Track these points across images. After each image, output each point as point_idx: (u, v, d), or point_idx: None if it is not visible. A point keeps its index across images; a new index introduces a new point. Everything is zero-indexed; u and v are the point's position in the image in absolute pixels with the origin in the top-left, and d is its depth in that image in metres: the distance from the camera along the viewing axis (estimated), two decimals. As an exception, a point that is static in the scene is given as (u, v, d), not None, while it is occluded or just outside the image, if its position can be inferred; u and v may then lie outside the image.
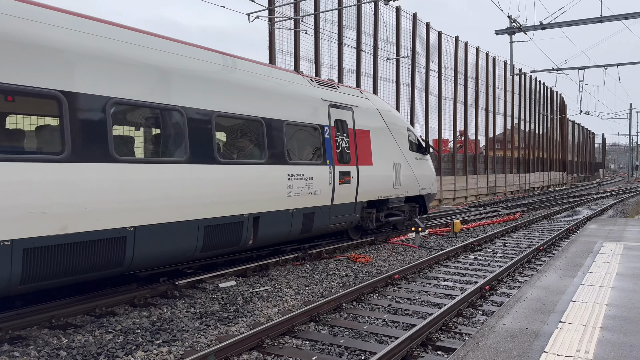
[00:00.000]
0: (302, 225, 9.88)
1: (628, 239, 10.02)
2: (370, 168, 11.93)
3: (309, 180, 9.97)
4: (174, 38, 7.95)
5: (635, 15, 19.27)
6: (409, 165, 13.56)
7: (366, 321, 6.54)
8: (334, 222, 10.89)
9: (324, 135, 10.56)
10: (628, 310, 4.98)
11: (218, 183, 7.83)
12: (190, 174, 7.35)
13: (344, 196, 10.99)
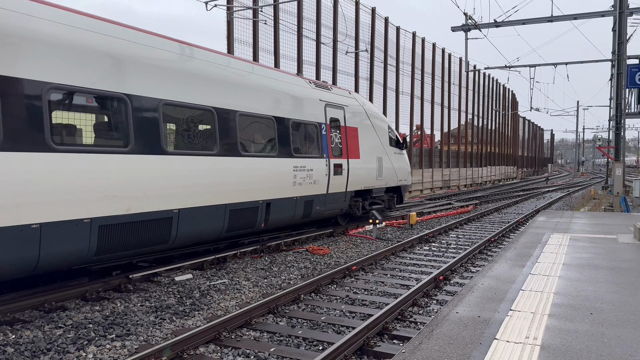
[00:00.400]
0: (303, 211, 11.09)
1: (574, 231, 10.50)
2: (358, 161, 13.23)
3: (309, 171, 11.21)
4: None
5: (583, 16, 20.11)
6: (389, 159, 14.92)
7: (324, 312, 6.59)
8: (328, 209, 12.16)
9: (321, 131, 11.81)
10: (573, 299, 5.23)
11: (241, 173, 9.07)
12: (221, 165, 8.61)
13: (337, 186, 12.24)
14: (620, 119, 18.36)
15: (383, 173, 14.50)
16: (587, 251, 7.90)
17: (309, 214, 11.37)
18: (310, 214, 11.44)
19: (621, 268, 6.62)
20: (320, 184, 11.55)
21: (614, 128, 18.38)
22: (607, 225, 11.18)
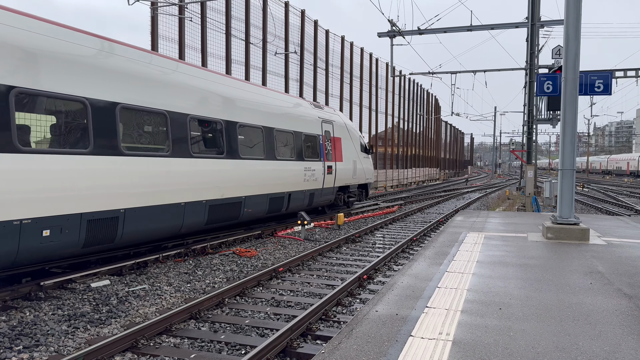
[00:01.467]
0: (308, 200, 14.90)
1: (489, 230, 11.10)
2: (342, 163, 17.17)
3: (312, 171, 14.88)
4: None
5: (499, 27, 21.37)
6: (361, 162, 18.96)
7: (249, 315, 6.53)
8: (323, 200, 16.05)
9: (319, 141, 15.56)
10: (485, 295, 5.53)
11: (273, 173, 12.62)
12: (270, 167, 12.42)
13: (328, 182, 16.11)
14: (532, 124, 19.69)
15: (357, 173, 18.51)
16: (500, 249, 8.39)
17: (311, 203, 15.21)
18: (312, 203, 15.31)
19: (529, 265, 7.09)
20: (318, 181, 15.33)
21: (526, 133, 19.68)
22: (519, 225, 11.93)
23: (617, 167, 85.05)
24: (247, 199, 11.51)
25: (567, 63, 9.16)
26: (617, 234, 10.31)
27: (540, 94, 10.70)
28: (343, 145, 17.35)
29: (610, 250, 8.22)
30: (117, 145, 7.98)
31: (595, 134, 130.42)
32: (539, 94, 10.68)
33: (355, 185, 18.72)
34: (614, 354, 3.78)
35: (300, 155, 14.10)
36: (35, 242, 6.71)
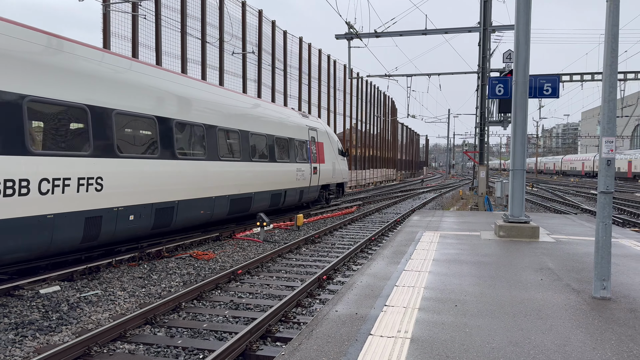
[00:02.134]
0: (299, 197, 17.43)
1: (444, 229, 11.36)
2: (324, 165, 19.74)
3: (302, 172, 17.37)
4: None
5: (453, 31, 21.93)
6: (338, 164, 21.53)
7: (206, 319, 6.42)
8: (309, 197, 18.63)
9: (307, 146, 18.17)
10: (441, 292, 5.65)
11: (275, 173, 15.10)
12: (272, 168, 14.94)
13: (314, 181, 18.64)
14: (484, 126, 20.29)
15: (335, 173, 21.15)
16: (454, 247, 8.60)
17: (301, 199, 17.75)
18: (302, 199, 17.86)
19: (483, 262, 7.30)
20: (307, 180, 17.85)
21: (478, 134, 20.27)
22: (472, 223, 12.26)
23: (571, 167, 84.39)
24: (256, 194, 14.01)
25: (517, 67, 9.50)
26: (565, 231, 10.76)
27: (492, 97, 11.05)
28: (325, 149, 20.05)
29: (559, 248, 8.57)
30: (174, 152, 10.40)
31: (543, 135, 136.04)
32: (491, 96, 11.02)
33: (334, 184, 21.55)
34: (564, 347, 3.94)
35: (293, 158, 16.81)
36: (125, 224, 9.01)
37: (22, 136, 6.91)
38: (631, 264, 7.17)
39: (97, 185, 8.27)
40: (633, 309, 4.95)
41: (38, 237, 7.23)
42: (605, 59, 5.27)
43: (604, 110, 5.17)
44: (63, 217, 7.58)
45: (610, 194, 5.20)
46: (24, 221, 6.92)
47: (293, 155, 16.73)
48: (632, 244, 9.10)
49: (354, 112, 40.52)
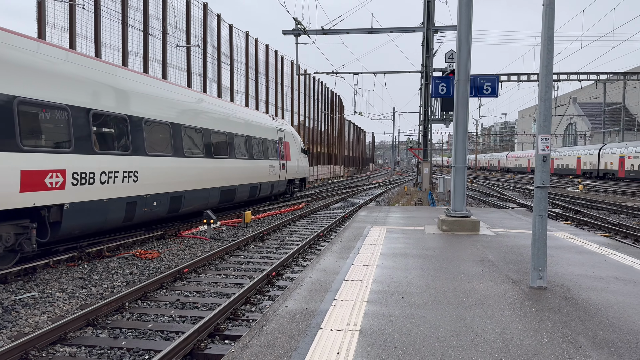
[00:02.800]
0: (271, 189, 19.75)
1: (390, 224, 11.60)
2: (290, 162, 22.33)
3: (273, 167, 19.71)
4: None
5: (398, 30, 22.38)
6: (301, 160, 24.33)
7: (152, 319, 6.25)
8: (279, 189, 20.94)
9: (277, 145, 20.66)
10: (388, 285, 5.77)
11: (252, 169, 17.34)
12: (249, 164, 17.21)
13: (282, 176, 20.98)
14: (427, 124, 20.86)
15: (299, 169, 23.77)
16: (400, 242, 8.81)
17: (272, 192, 20.10)
18: (273, 191, 20.21)
19: (427, 255, 7.52)
20: (277, 175, 20.23)
21: (422, 132, 20.81)
22: (417, 218, 12.60)
23: (517, 164, 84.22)
24: (239, 187, 16.45)
25: (459, 67, 9.82)
26: (503, 225, 11.27)
27: (435, 96, 11.37)
28: (290, 148, 22.66)
29: (498, 240, 8.96)
30: (183, 151, 12.72)
31: (482, 133, 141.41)
32: (434, 95, 11.35)
33: (298, 179, 24.26)
34: (504, 334, 4.13)
35: (267, 155, 19.20)
36: (151, 208, 11.38)
37: (90, 140, 9.39)
38: (565, 255, 7.60)
39: (134, 177, 10.71)
40: (567, 297, 5.26)
41: (98, 216, 9.66)
42: (541, 59, 5.55)
43: (540, 108, 5.44)
44: (113, 202, 10.06)
45: (546, 188, 5.49)
46: (91, 204, 9.41)
47: (266, 154, 19.26)
48: (565, 236, 9.65)
49: (302, 109, 40.55)
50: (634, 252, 8.11)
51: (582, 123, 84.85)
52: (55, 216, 8.66)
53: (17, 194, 7.74)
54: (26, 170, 7.89)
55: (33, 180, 8.01)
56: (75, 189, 8.88)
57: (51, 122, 8.47)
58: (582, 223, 16.11)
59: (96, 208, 9.49)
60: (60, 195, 8.60)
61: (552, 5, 5.50)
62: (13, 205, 7.69)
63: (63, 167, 8.64)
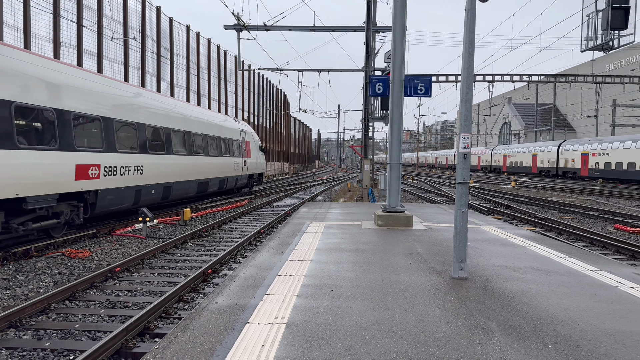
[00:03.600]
0: (235, 182, 22.55)
1: (329, 220, 11.80)
2: (251, 159, 25.37)
3: (237, 164, 22.68)
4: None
5: (340, 29, 22.65)
6: (260, 157, 27.42)
7: (79, 319, 6.09)
8: (241, 183, 23.84)
9: (240, 144, 23.58)
10: (319, 279, 5.91)
11: (221, 164, 20.26)
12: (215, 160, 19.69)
13: (244, 171, 24.03)
14: (368, 122, 21.28)
15: (257, 165, 26.82)
16: (337, 237, 9.00)
17: (236, 184, 23.02)
18: (237, 184, 23.17)
19: (360, 249, 7.73)
20: (240, 170, 23.29)
21: (363, 130, 21.22)
22: (356, 214, 12.87)
23: (438, 162, 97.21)
24: (211, 180, 19.47)
25: (394, 67, 10.13)
26: (436, 219, 11.72)
27: (372, 95, 11.66)
28: (250, 147, 25.70)
29: (429, 234, 9.33)
30: (172, 150, 15.74)
31: (424, 132, 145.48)
32: (372, 94, 11.63)
33: (257, 174, 27.11)
34: (423, 322, 4.36)
35: (232, 153, 22.21)
36: (150, 195, 14.31)
37: (114, 141, 12.45)
38: (489, 247, 8.04)
39: (141, 171, 13.74)
40: (485, 286, 5.59)
41: (117, 201, 12.68)
42: (463, 62, 5.85)
43: (461, 109, 5.74)
44: (127, 189, 13.07)
45: (466, 184, 5.81)
46: (114, 191, 12.45)
47: (232, 152, 22.23)
48: (491, 230, 10.18)
49: (246, 105, 40.22)
50: (553, 244, 8.70)
51: (516, 122, 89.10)
52: (92, 199, 11.70)
53: (73, 182, 10.76)
54: (78, 164, 10.91)
55: (82, 172, 11.06)
56: (105, 179, 11.96)
57: (91, 128, 11.56)
58: (511, 217, 17.00)
59: (117, 194, 12.60)
60: (97, 183, 11.65)
61: (473, 10, 5.81)
62: (70, 189, 10.68)
63: (99, 162, 11.70)
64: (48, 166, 9.86)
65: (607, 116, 62.45)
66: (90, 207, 11.63)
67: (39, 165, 9.58)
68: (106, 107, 12.23)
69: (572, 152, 47.88)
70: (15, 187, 8.94)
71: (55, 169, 10.07)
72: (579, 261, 7.13)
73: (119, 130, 12.82)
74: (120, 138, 12.80)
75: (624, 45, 17.70)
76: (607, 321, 4.45)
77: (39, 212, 9.99)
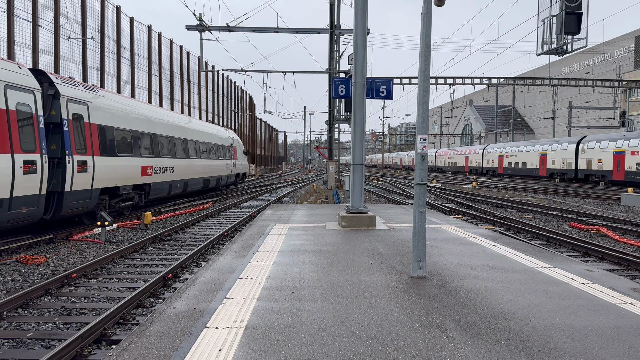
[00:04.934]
0: (226, 180, 28.36)
1: (293, 221, 11.79)
2: (237, 161, 30.79)
3: (229, 165, 28.45)
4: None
5: (303, 31, 22.68)
6: (243, 160, 32.83)
7: (32, 327, 5.88)
8: (231, 180, 29.34)
9: (230, 149, 29.17)
10: (281, 281, 5.90)
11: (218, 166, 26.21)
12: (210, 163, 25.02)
13: (233, 171, 29.55)
14: (333, 123, 21.38)
15: (242, 166, 32.53)
16: (300, 238, 9.00)
17: (227, 182, 28.37)
18: (227, 182, 28.57)
19: (323, 251, 7.76)
20: (230, 170, 28.59)
21: (328, 131, 21.31)
22: (320, 215, 12.91)
23: (393, 162, 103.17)
24: (211, 177, 24.72)
25: (356, 69, 10.22)
26: (399, 220, 11.88)
27: (335, 96, 11.73)
28: (237, 151, 31.39)
29: (391, 234, 9.45)
30: (189, 155, 21.00)
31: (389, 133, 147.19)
32: (335, 96, 11.70)
33: (241, 173, 32.92)
34: (381, 322, 4.41)
35: (224, 156, 27.85)
36: (177, 189, 19.96)
37: (160, 150, 18.01)
38: (448, 246, 8.21)
39: (172, 170, 19.09)
40: (442, 285, 5.70)
41: (159, 192, 18.25)
42: (420, 65, 5.96)
43: (418, 111, 5.85)
44: (165, 183, 18.58)
45: (425, 185, 5.91)
46: (159, 184, 18.05)
47: (225, 155, 27.96)
48: (451, 229, 10.39)
49: (210, 107, 39.76)
50: (510, 242, 8.95)
51: (478, 124, 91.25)
52: (147, 190, 17.23)
53: (139, 177, 16.38)
54: (143, 165, 16.49)
55: (144, 171, 16.68)
56: (155, 175, 17.53)
57: (148, 141, 17.12)
58: (471, 217, 17.39)
59: (160, 186, 18.19)
60: (151, 179, 17.26)
61: (429, 14, 5.92)
62: (138, 182, 16.33)
63: (152, 164, 17.29)
64: (129, 167, 15.52)
65: (564, 117, 64.77)
66: (146, 195, 17.35)
67: (125, 167, 15.23)
68: (155, 126, 18.01)
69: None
70: (116, 180, 14.70)
71: (132, 169, 15.75)
72: (534, 259, 7.37)
73: (161, 142, 18.57)
74: (162, 148, 18.51)
75: (577, 50, 18.38)
76: (558, 316, 4.62)
77: (124, 196, 15.59)
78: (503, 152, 56.29)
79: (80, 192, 12.53)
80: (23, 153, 10.34)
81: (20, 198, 10.22)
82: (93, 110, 13.49)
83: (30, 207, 10.59)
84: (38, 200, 10.86)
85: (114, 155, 14.42)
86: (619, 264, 9.82)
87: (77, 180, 12.37)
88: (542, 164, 48.13)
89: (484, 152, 61.37)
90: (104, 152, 13.75)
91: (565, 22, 17.09)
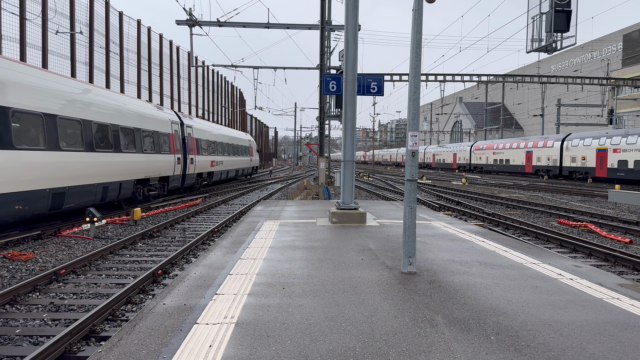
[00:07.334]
0: (246, 172, 39.06)
1: (284, 217, 11.78)
2: (253, 157, 41.42)
3: (249, 160, 39.59)
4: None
5: (294, 27, 22.61)
6: (256, 156, 42.83)
7: (20, 324, 5.83)
8: (249, 172, 40.68)
9: (249, 148, 39.73)
10: (271, 277, 5.89)
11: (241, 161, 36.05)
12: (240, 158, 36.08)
13: (251, 165, 40.65)
14: (324, 120, 21.37)
15: (256, 161, 42.22)
16: (291, 234, 9.00)
17: (245, 173, 38.52)
18: (246, 173, 39.18)
19: (314, 247, 7.77)
20: (249, 164, 39.07)
21: (319, 127, 21.29)
22: (311, 212, 12.91)
23: (383, 159, 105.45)
24: (239, 169, 34.73)
25: (347, 66, 10.21)
26: (389, 216, 11.92)
27: (326, 93, 11.71)
28: (253, 149, 39.64)
29: (381, 230, 9.48)
30: (223, 153, 29.62)
31: (380, 130, 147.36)
32: (325, 92, 11.68)
33: (255, 167, 41.97)
34: (371, 317, 4.42)
35: (246, 154, 36.29)
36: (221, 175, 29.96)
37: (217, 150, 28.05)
38: (438, 243, 8.25)
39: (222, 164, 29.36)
40: (432, 280, 5.73)
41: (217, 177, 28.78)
42: (411, 62, 5.97)
43: (409, 107, 5.86)
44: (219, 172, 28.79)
45: (415, 181, 5.93)
46: (217, 172, 28.39)
47: (246, 153, 36.59)
48: (441, 225, 10.45)
49: (200, 102, 39.55)
50: (499, 238, 9.01)
51: (467, 121, 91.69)
52: (211, 175, 26.57)
53: (209, 167, 25.70)
54: (211, 160, 26.27)
55: (212, 164, 26.25)
56: (216, 167, 26.59)
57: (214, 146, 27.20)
58: (461, 213, 17.49)
59: (218, 174, 27.30)
60: (214, 169, 26.62)
61: (420, 10, 5.93)
62: (209, 170, 26.11)
63: (214, 160, 26.66)
64: (206, 161, 23.97)
65: (553, 115, 65.29)
66: (210, 178, 26.15)
67: (205, 161, 23.69)
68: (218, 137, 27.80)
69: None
70: (202, 168, 23.33)
71: (208, 162, 23.60)
72: (523, 255, 7.43)
73: (219, 146, 28.09)
74: (219, 150, 27.94)
75: (566, 47, 18.52)
76: (547, 312, 4.66)
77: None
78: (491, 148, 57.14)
79: (190, 175, 22.52)
80: (176, 154, 20.33)
81: (175, 176, 20.55)
82: (194, 130, 23.75)
83: (176, 181, 20.65)
84: (180, 177, 21.17)
85: (201, 154, 24.42)
86: (606, 259, 9.94)
87: (189, 167, 22.11)
88: (527, 161, 48.56)
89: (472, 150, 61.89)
90: (198, 153, 23.81)
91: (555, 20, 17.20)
